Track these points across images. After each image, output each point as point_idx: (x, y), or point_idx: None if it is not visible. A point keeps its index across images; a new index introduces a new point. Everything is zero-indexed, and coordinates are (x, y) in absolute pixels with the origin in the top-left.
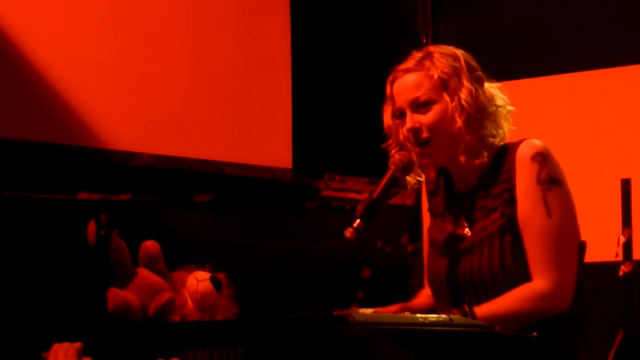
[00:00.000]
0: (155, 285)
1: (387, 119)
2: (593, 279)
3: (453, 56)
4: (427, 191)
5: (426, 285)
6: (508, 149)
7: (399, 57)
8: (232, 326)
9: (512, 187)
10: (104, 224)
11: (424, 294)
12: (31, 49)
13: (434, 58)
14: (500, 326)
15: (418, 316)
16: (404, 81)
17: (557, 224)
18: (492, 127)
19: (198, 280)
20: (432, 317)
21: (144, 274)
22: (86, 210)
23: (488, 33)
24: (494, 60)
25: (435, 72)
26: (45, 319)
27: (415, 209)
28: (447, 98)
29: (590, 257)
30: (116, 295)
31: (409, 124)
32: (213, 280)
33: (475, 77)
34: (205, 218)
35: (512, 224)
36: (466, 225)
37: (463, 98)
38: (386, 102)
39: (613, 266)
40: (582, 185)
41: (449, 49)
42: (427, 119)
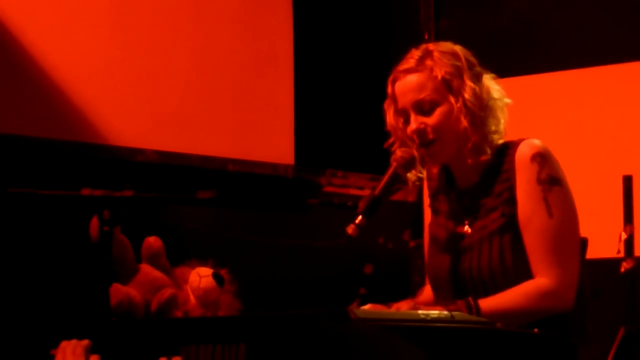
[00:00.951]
0: (157, 281)
1: (390, 118)
2: (594, 276)
3: (453, 54)
4: (429, 188)
5: (428, 281)
6: (508, 148)
7: (401, 54)
8: (235, 322)
9: (512, 187)
10: (107, 220)
11: (428, 291)
12: (34, 45)
13: (435, 57)
14: (502, 321)
15: (419, 312)
16: (406, 82)
17: (559, 224)
18: (494, 124)
19: (200, 276)
20: (434, 314)
21: (147, 270)
22: (89, 206)
23: (490, 30)
24: (496, 56)
25: (438, 73)
26: (49, 316)
27: (417, 206)
28: (452, 99)
29: (591, 254)
30: (119, 291)
31: (414, 126)
32: (215, 276)
33: (475, 74)
34: (207, 214)
35: (512, 224)
36: (466, 222)
37: (467, 98)
38: (388, 101)
39: (615, 263)
40: (584, 182)
41: (448, 47)
42: (432, 121)
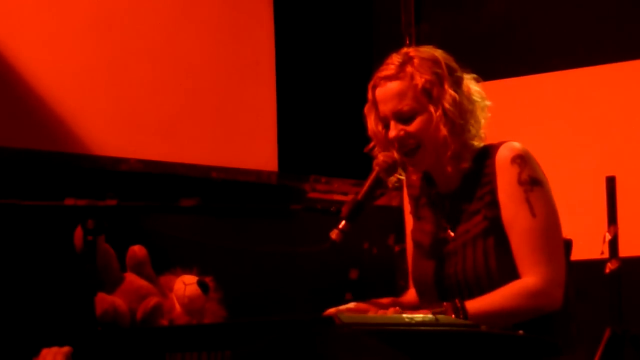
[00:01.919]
0: (142, 289)
1: (371, 124)
2: (579, 277)
3: (434, 61)
4: (409, 194)
5: (412, 285)
6: (488, 152)
7: (383, 59)
8: (220, 329)
9: (494, 190)
10: (91, 230)
11: (412, 293)
12: (15, 55)
13: (415, 64)
14: (490, 322)
15: (404, 316)
16: (387, 90)
17: (543, 223)
18: (474, 128)
19: (185, 284)
20: (419, 317)
21: (132, 279)
22: (73, 216)
23: (470, 33)
24: (477, 60)
25: (418, 81)
26: (34, 325)
27: (401, 210)
28: (432, 108)
29: (576, 255)
30: (104, 300)
31: (394, 133)
32: (200, 283)
33: (455, 80)
34: (192, 222)
35: (495, 227)
36: (448, 227)
37: (447, 107)
38: (368, 106)
39: (599, 264)
40: (568, 183)
41: (429, 53)
42: (412, 129)
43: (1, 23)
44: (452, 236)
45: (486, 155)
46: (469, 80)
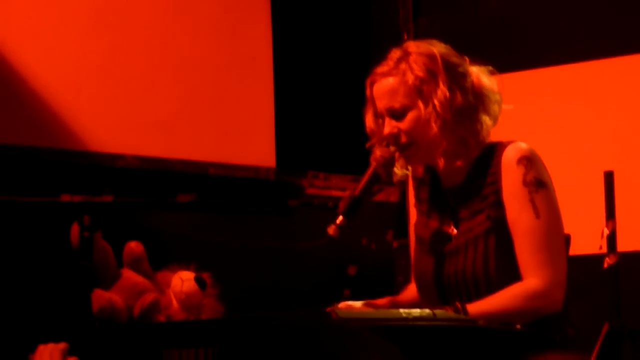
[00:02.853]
0: (139, 286)
1: (369, 121)
2: (577, 272)
3: (430, 57)
4: (414, 187)
5: (413, 280)
6: (495, 150)
7: (381, 55)
8: (218, 325)
9: (499, 190)
10: (87, 226)
11: (411, 289)
12: (12, 51)
13: (410, 60)
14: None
15: (401, 311)
16: (381, 86)
17: (546, 224)
18: (480, 124)
19: (183, 280)
20: (416, 312)
21: (129, 275)
22: (69, 212)
23: (468, 28)
24: (475, 55)
25: (409, 78)
26: (30, 322)
27: (399, 206)
28: (421, 105)
29: (574, 250)
30: (101, 296)
31: (387, 130)
32: (198, 279)
33: (453, 76)
34: (189, 218)
35: (498, 227)
36: (452, 223)
37: (437, 104)
38: (367, 104)
39: (597, 259)
40: (566, 177)
41: (427, 48)
42: (404, 126)
43: None
44: (455, 233)
45: (492, 153)
46: (481, 73)
